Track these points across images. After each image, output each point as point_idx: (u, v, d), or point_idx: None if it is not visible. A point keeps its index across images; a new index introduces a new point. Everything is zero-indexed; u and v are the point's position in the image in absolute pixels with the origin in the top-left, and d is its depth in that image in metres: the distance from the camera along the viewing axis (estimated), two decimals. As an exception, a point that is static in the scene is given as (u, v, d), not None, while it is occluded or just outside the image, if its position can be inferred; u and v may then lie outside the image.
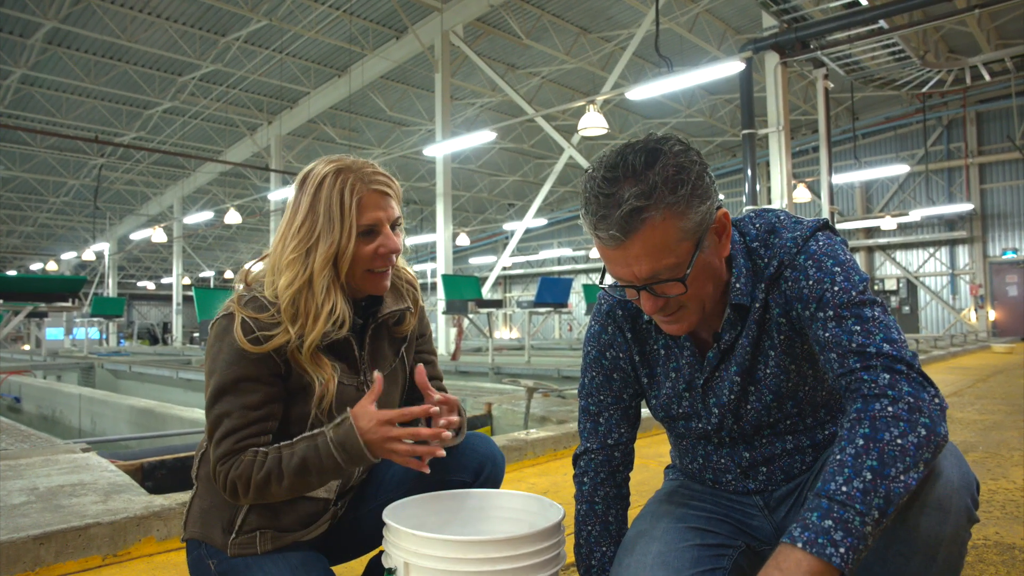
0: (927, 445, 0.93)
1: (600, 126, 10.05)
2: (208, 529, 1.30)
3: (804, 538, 0.90)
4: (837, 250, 1.11)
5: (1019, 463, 3.27)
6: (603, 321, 1.32)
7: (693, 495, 1.33)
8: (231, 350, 1.23)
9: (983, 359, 10.99)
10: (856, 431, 0.95)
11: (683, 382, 1.25)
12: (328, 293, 1.26)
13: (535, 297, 10.18)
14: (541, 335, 28.16)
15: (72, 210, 26.97)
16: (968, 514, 1.01)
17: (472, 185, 26.10)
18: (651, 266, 1.05)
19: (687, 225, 1.04)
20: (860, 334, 1.03)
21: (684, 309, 1.13)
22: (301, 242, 1.27)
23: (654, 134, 1.11)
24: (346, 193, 1.27)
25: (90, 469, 2.77)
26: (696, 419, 1.26)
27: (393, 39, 14.83)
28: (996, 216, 19.72)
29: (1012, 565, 1.91)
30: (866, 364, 1.01)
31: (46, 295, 6.81)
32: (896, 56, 12.41)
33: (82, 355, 14.31)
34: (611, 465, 1.32)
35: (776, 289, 1.14)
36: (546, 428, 3.93)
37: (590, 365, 1.33)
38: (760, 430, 1.24)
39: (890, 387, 0.97)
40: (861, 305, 1.06)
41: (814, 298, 1.09)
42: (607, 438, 1.31)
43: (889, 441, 0.93)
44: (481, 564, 1.09)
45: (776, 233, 1.16)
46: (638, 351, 1.29)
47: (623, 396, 1.32)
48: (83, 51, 14.33)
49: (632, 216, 1.02)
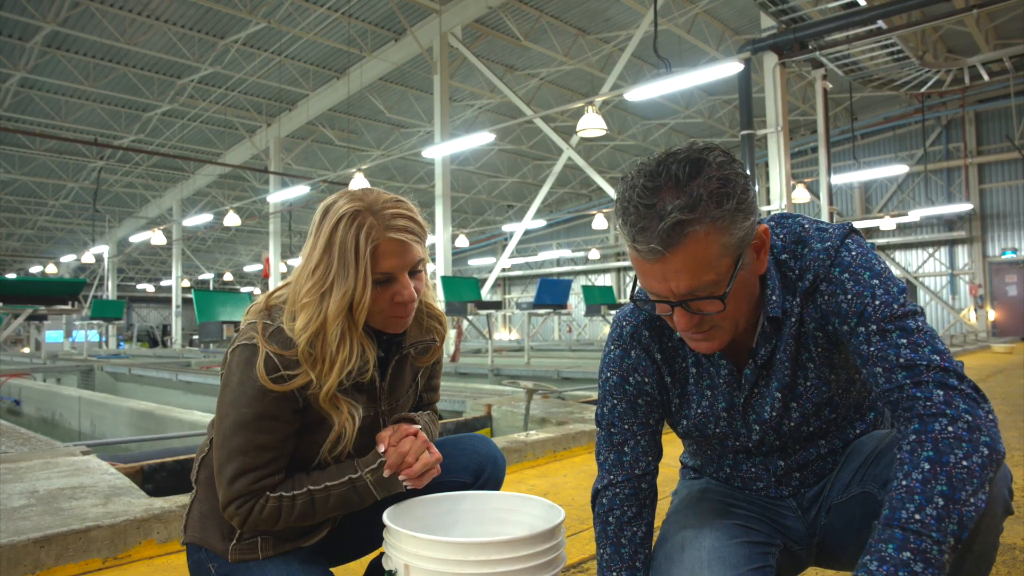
0: (990, 464, 0.92)
1: (599, 127, 10.05)
2: (208, 534, 1.29)
3: (884, 572, 0.88)
4: (872, 260, 1.07)
5: (1019, 463, 3.27)
6: (626, 345, 1.24)
7: (727, 494, 1.29)
8: (254, 387, 1.19)
9: (983, 359, 10.99)
10: (919, 454, 0.93)
11: (722, 400, 1.20)
12: (343, 341, 1.22)
13: (534, 298, 10.19)
14: (540, 336, 28.16)
15: (71, 213, 26.98)
16: (1004, 504, 1.00)
17: (471, 186, 26.11)
18: (690, 282, 1.00)
19: (729, 241, 1.00)
20: (907, 347, 1.00)
21: (717, 328, 1.08)
22: (315, 286, 1.21)
23: (697, 142, 1.06)
24: (362, 239, 1.20)
25: (90, 472, 2.77)
26: (735, 437, 1.22)
27: (392, 41, 14.84)
28: (995, 216, 19.74)
29: (1013, 565, 1.91)
30: (917, 379, 0.98)
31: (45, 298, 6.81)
32: (895, 56, 12.41)
33: (82, 358, 14.31)
34: (639, 499, 1.23)
35: (811, 303, 1.11)
36: (546, 430, 3.94)
37: (611, 392, 1.25)
38: (799, 440, 1.21)
39: (947, 405, 0.95)
40: (904, 317, 1.02)
41: (854, 312, 1.05)
42: (634, 468, 1.23)
43: (955, 464, 0.90)
44: (481, 566, 1.09)
45: (804, 243, 1.11)
46: (668, 371, 1.23)
47: (649, 422, 1.25)
48: (82, 54, 14.34)
49: (675, 230, 0.97)
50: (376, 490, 1.27)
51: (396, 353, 1.37)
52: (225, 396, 1.23)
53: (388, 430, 1.32)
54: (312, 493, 1.24)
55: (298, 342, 1.21)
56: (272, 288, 1.35)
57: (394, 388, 1.38)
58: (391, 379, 1.37)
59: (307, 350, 1.21)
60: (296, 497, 1.23)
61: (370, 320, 1.27)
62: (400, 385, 1.40)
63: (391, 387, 1.37)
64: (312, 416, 1.26)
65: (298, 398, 1.22)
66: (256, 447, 1.20)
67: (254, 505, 1.21)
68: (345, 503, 1.26)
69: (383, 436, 1.31)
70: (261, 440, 1.20)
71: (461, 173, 23.62)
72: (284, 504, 1.22)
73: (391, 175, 23.48)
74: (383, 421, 1.36)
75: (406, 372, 1.41)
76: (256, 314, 1.27)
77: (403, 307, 1.27)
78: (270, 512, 1.21)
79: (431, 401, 1.55)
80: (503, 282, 32.51)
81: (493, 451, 1.50)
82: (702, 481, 1.36)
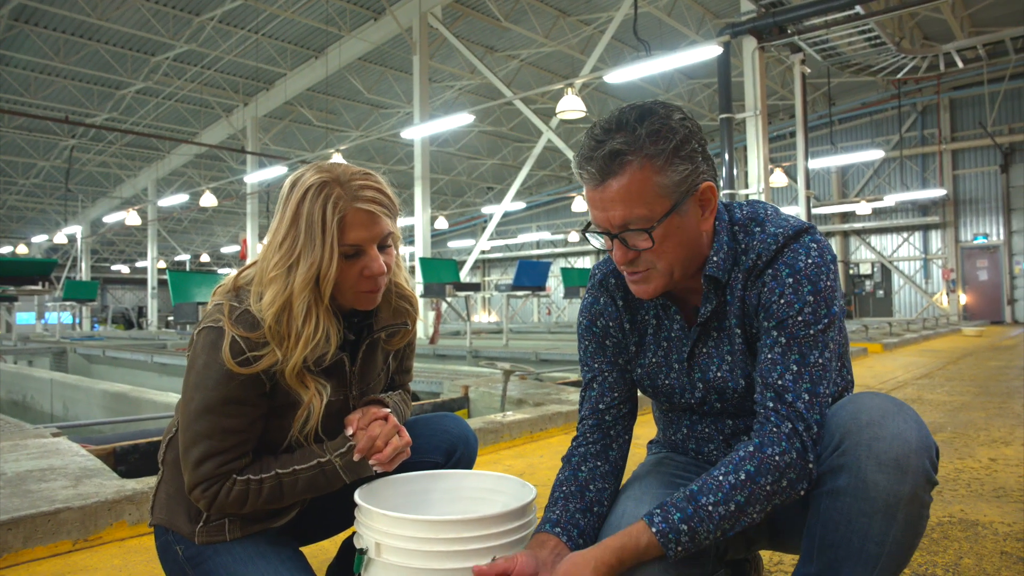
0: (780, 493, 1.07)
1: (578, 109, 10.02)
2: (174, 516, 1.28)
3: (661, 527, 1.05)
4: (820, 274, 1.13)
5: (984, 443, 3.34)
6: (595, 292, 1.34)
7: (678, 465, 1.34)
8: (219, 370, 1.17)
9: (953, 342, 11.19)
10: (744, 464, 1.07)
11: (674, 353, 1.27)
12: (308, 315, 1.20)
13: (513, 280, 10.18)
14: (519, 318, 28.23)
15: (43, 192, 26.44)
16: (927, 475, 1.03)
17: (451, 168, 25.98)
18: (623, 213, 1.11)
19: (664, 181, 1.10)
20: (792, 375, 1.11)
21: (653, 270, 1.16)
22: (283, 259, 1.20)
23: (658, 101, 1.17)
24: (328, 209, 1.19)
25: (60, 454, 2.74)
26: (680, 392, 1.28)
27: (371, 20, 14.66)
28: (968, 202, 20.02)
29: (975, 540, 1.95)
30: (777, 407, 1.10)
31: (16, 278, 6.69)
32: (872, 42, 12.49)
33: (54, 340, 14.10)
34: (603, 431, 1.29)
35: (754, 287, 1.17)
36: (523, 411, 3.95)
37: (583, 335, 1.35)
38: (743, 411, 1.25)
39: (787, 439, 1.07)
40: (812, 344, 1.12)
41: (777, 316, 1.13)
42: (599, 403, 1.31)
43: (761, 486, 1.06)
44: (452, 544, 1.10)
45: (759, 224, 1.18)
46: (628, 319, 1.31)
47: (617, 361, 1.32)
48: (52, 29, 14.00)
49: (611, 158, 1.09)
50: (345, 474, 1.26)
51: (367, 337, 1.35)
52: (190, 378, 1.21)
53: (357, 413, 1.31)
54: (280, 476, 1.23)
55: (265, 317, 1.19)
56: (233, 274, 1.33)
57: (365, 372, 1.37)
58: (362, 363, 1.36)
59: (274, 326, 1.19)
60: (264, 480, 1.22)
61: (339, 297, 1.26)
62: (371, 369, 1.39)
63: (362, 371, 1.36)
64: (280, 400, 1.24)
65: (265, 381, 1.21)
66: (222, 430, 1.19)
67: (220, 488, 1.20)
68: (313, 486, 1.25)
69: (352, 419, 1.30)
70: (227, 424, 1.19)
71: (441, 154, 23.49)
72: (251, 487, 1.21)
73: (370, 156, 23.28)
74: (353, 405, 1.35)
75: (377, 356, 1.40)
76: (223, 295, 1.25)
77: (372, 281, 1.25)
78: (237, 495, 1.20)
79: (403, 383, 1.54)
80: (482, 264, 32.48)
81: (465, 430, 1.50)
82: (660, 455, 1.41)
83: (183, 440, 1.21)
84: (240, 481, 1.21)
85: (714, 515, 1.05)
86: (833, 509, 1.05)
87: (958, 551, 1.87)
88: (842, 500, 1.04)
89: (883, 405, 1.07)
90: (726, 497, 1.05)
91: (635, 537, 1.05)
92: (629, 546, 1.05)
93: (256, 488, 1.21)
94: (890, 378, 6.07)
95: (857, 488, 1.03)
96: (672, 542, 1.04)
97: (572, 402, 4.16)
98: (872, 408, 1.07)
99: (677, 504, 1.07)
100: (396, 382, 1.51)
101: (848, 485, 1.03)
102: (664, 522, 1.05)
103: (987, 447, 3.25)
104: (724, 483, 1.06)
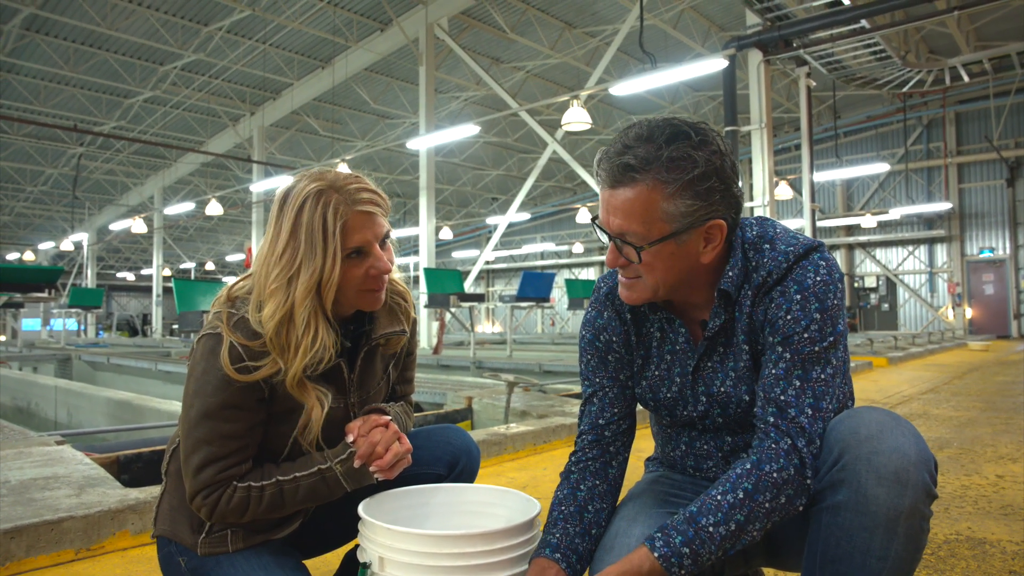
0: (779, 511, 1.08)
1: (584, 121, 10.04)
2: (177, 527, 1.27)
3: (663, 552, 1.05)
4: (828, 292, 1.14)
5: (992, 459, 3.32)
6: (599, 306, 1.33)
7: (674, 484, 1.34)
8: (218, 376, 1.18)
9: (959, 356, 11.13)
10: (741, 483, 1.08)
11: (677, 366, 1.27)
12: (309, 325, 1.20)
13: (517, 291, 10.18)
14: (523, 329, 28.16)
15: (50, 199, 26.57)
16: (927, 488, 1.02)
17: (456, 179, 26.03)
18: (621, 223, 1.13)
19: (670, 208, 1.10)
20: (795, 390, 1.12)
21: (640, 280, 1.18)
22: (283, 271, 1.20)
23: (704, 122, 1.17)
24: (329, 216, 1.20)
25: (64, 462, 2.74)
26: (683, 405, 1.27)
27: (378, 31, 14.74)
28: (974, 215, 19.97)
29: (983, 559, 1.94)
30: (778, 423, 1.11)
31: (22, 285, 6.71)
32: (877, 56, 12.50)
33: (59, 346, 14.13)
34: (601, 446, 1.29)
35: (762, 304, 1.18)
36: (526, 422, 3.94)
37: (585, 349, 1.34)
38: (744, 425, 1.25)
39: (785, 456, 1.08)
40: (815, 361, 1.12)
41: (783, 332, 1.14)
42: (599, 418, 1.30)
43: (760, 503, 1.07)
44: (455, 559, 1.09)
45: (770, 243, 1.19)
46: (635, 332, 1.30)
47: (619, 377, 1.31)
48: (62, 38, 14.11)
49: (622, 170, 1.10)
50: (346, 481, 1.26)
51: (365, 344, 1.36)
52: (190, 385, 1.22)
53: (358, 421, 1.31)
54: (281, 484, 1.23)
55: (266, 329, 1.20)
56: (229, 285, 1.34)
57: (364, 379, 1.37)
58: (360, 370, 1.36)
59: (275, 338, 1.20)
60: (264, 487, 1.22)
61: (343, 299, 1.27)
62: (370, 376, 1.39)
63: (360, 378, 1.37)
64: (279, 407, 1.25)
65: (263, 388, 1.22)
66: (221, 436, 1.19)
67: (221, 495, 1.20)
68: (314, 494, 1.25)
69: (352, 427, 1.30)
70: (226, 429, 1.19)
71: (446, 165, 23.54)
72: (252, 494, 1.21)
73: (375, 166, 23.35)
74: (353, 413, 1.35)
75: (376, 363, 1.40)
76: (221, 305, 1.27)
77: (379, 279, 1.27)
78: (238, 502, 1.20)
79: (405, 393, 1.54)
80: (486, 275, 32.47)
81: (467, 442, 1.50)
82: (656, 473, 1.41)
83: (184, 448, 1.22)
84: (241, 488, 1.21)
85: (715, 536, 1.05)
86: (834, 524, 1.05)
87: (965, 570, 1.86)
88: (842, 515, 1.04)
89: (881, 419, 1.07)
90: (726, 517, 1.06)
91: (637, 564, 1.06)
92: (631, 573, 1.05)
93: (257, 495, 1.21)
94: (896, 392, 6.04)
95: (857, 502, 1.02)
96: (675, 566, 1.04)
97: (576, 415, 4.14)
98: (870, 422, 1.06)
99: (678, 527, 1.07)
100: (398, 392, 1.51)
101: (848, 500, 1.03)
102: (666, 546, 1.05)
103: (994, 463, 3.22)
104: (723, 503, 1.07)
